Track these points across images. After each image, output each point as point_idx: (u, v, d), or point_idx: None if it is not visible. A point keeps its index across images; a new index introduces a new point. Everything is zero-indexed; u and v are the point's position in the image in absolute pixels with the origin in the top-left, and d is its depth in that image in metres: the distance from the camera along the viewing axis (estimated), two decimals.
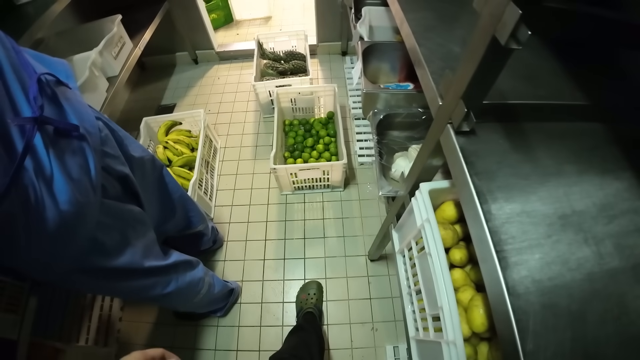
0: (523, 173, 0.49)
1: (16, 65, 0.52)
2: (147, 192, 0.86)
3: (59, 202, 0.52)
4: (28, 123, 0.49)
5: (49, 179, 0.51)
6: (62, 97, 0.60)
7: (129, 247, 0.70)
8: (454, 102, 0.49)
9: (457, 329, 0.54)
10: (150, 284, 0.81)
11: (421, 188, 0.67)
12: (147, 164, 0.87)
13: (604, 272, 0.42)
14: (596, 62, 0.67)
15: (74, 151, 0.57)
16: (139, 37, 1.74)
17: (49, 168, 0.51)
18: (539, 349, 0.36)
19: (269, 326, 1.35)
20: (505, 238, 0.42)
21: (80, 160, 0.57)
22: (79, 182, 0.55)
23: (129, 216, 0.72)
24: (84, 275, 0.64)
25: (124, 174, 0.72)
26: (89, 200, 0.58)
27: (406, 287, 0.85)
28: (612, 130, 0.57)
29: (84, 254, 0.61)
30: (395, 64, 1.43)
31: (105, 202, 0.64)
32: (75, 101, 0.64)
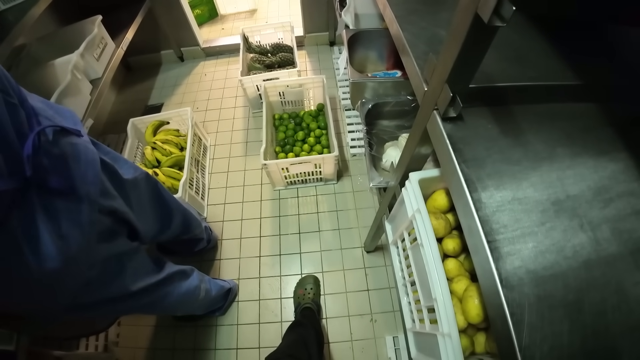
0: (514, 158, 0.47)
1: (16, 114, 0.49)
2: (143, 207, 0.84)
3: (42, 260, 0.50)
4: (16, 184, 0.47)
5: (34, 237, 0.50)
6: (67, 149, 0.57)
7: (117, 278, 0.70)
8: (439, 87, 0.47)
9: (452, 321, 0.53)
10: (146, 302, 0.81)
11: (411, 178, 0.65)
12: (140, 183, 0.85)
13: (601, 259, 0.40)
14: (586, 40, 0.65)
15: (68, 208, 0.55)
16: (121, 37, 1.70)
17: (35, 227, 0.49)
18: (535, 343, 0.35)
19: (267, 323, 1.34)
20: (496, 227, 0.40)
21: (73, 216, 0.55)
22: (67, 238, 0.54)
23: (116, 253, 0.70)
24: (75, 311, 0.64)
25: (113, 208, 0.70)
26: (79, 254, 0.56)
27: (401, 279, 0.83)
28: (605, 111, 0.55)
29: (71, 297, 0.61)
30: (382, 51, 1.40)
31: (93, 246, 0.63)
32: (80, 153, 0.61)
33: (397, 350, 1.24)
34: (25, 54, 1.40)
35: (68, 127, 0.59)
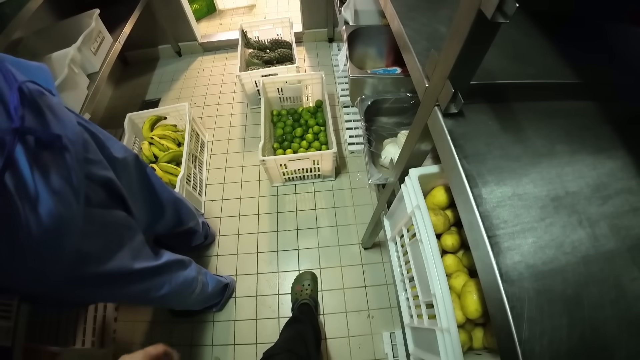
0: (514, 154, 0.48)
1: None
2: (133, 193, 0.83)
3: (41, 217, 0.50)
4: (7, 135, 0.46)
5: (30, 193, 0.49)
6: (44, 106, 0.57)
7: (116, 253, 0.68)
8: (441, 83, 0.47)
9: (451, 316, 0.53)
10: (143, 288, 0.79)
11: (410, 174, 0.65)
12: (130, 164, 0.84)
13: (599, 255, 0.40)
14: (585, 38, 0.65)
15: (56, 163, 0.54)
16: (119, 31, 1.69)
17: (30, 182, 0.49)
18: (534, 336, 0.35)
19: (265, 319, 1.34)
20: (497, 222, 0.41)
21: (62, 172, 0.55)
22: (61, 195, 0.53)
23: (113, 222, 0.69)
24: (73, 285, 0.63)
25: (107, 178, 0.69)
26: (72, 213, 0.56)
27: (399, 275, 0.84)
28: (604, 109, 0.55)
29: (70, 265, 0.59)
30: (382, 48, 1.40)
31: (88, 211, 0.62)
32: (57, 109, 0.61)
33: (394, 346, 1.25)
34: (22, 48, 1.39)
35: (42, 85, 0.59)
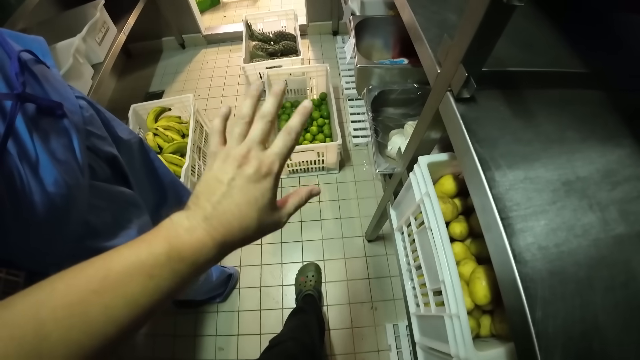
0: (525, 140, 0.48)
1: None
2: (137, 176, 0.83)
3: (46, 186, 0.49)
4: (10, 99, 0.45)
5: (33, 161, 0.48)
6: (41, 76, 0.56)
7: (123, 229, 0.68)
8: (454, 67, 0.47)
9: (460, 301, 0.53)
10: None
11: (420, 161, 0.65)
12: (134, 146, 0.84)
13: (609, 239, 0.41)
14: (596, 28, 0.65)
15: (57, 131, 0.53)
16: (123, 22, 1.69)
17: (33, 150, 0.48)
18: (548, 317, 0.35)
19: (269, 309, 1.35)
20: (509, 205, 0.41)
21: (64, 141, 0.54)
22: (65, 164, 0.52)
23: (120, 198, 0.69)
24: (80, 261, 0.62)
25: (112, 155, 0.69)
26: (78, 182, 0.55)
27: (405, 264, 0.84)
28: (613, 98, 0.55)
29: (77, 238, 0.59)
30: (388, 39, 1.39)
31: (95, 184, 0.61)
32: (54, 80, 0.60)
33: (397, 337, 1.26)
34: None
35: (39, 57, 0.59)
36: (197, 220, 0.30)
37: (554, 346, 0.35)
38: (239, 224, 0.31)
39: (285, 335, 0.98)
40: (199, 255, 0.29)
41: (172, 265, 0.28)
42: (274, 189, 0.33)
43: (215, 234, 0.30)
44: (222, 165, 0.33)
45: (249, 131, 0.35)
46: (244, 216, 0.31)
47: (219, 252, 0.30)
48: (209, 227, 0.30)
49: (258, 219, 0.32)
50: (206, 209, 0.31)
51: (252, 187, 0.32)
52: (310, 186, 0.38)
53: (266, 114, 0.35)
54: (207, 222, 0.30)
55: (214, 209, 0.31)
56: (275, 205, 0.35)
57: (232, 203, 0.31)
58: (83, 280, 0.26)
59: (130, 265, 0.27)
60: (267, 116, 0.35)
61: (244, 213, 0.31)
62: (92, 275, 0.26)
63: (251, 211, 0.32)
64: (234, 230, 0.31)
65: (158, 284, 0.27)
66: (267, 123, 0.35)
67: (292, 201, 0.37)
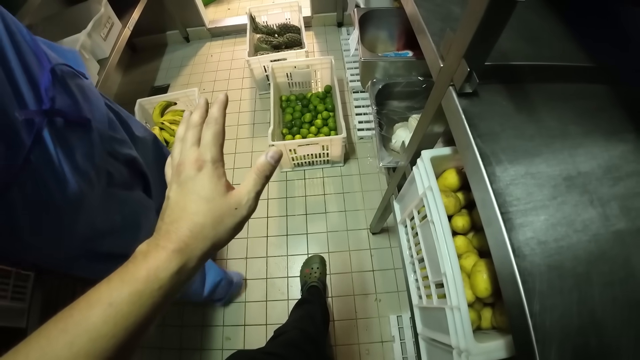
0: (527, 134, 0.48)
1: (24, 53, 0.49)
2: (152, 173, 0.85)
3: (64, 194, 0.51)
4: (37, 117, 0.47)
5: (56, 172, 0.50)
6: (75, 87, 0.58)
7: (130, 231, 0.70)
8: (456, 62, 0.47)
9: (461, 293, 0.54)
10: None
11: (423, 155, 0.65)
12: (149, 143, 0.86)
13: (609, 234, 0.41)
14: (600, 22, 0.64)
15: (82, 142, 0.56)
16: (128, 16, 1.69)
17: (57, 161, 0.50)
18: (545, 310, 0.36)
19: (274, 300, 1.37)
20: (510, 200, 0.41)
21: (87, 151, 0.56)
22: (84, 173, 0.55)
23: (131, 201, 0.71)
24: (90, 260, 0.64)
25: (131, 157, 0.71)
26: (92, 189, 0.57)
27: (408, 257, 0.85)
28: (616, 93, 0.55)
29: (88, 240, 0.61)
30: (392, 31, 1.38)
31: (109, 189, 0.63)
32: (88, 91, 0.62)
33: (401, 329, 1.27)
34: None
35: (75, 68, 0.60)
36: (152, 241, 0.30)
37: (550, 339, 0.36)
38: (188, 225, 0.30)
39: (290, 325, 1.00)
40: (155, 270, 0.28)
41: (128, 289, 0.27)
42: (214, 176, 0.32)
43: (167, 244, 0.29)
44: (170, 181, 0.34)
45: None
46: (192, 214, 0.30)
47: (182, 260, 0.29)
48: (161, 240, 0.29)
49: (209, 210, 0.31)
50: (160, 227, 0.31)
51: (191, 185, 0.32)
52: (266, 152, 0.35)
53: (192, 124, 0.35)
54: (160, 237, 0.30)
55: (163, 222, 0.31)
56: (225, 190, 0.32)
57: (177, 209, 0.31)
58: (54, 321, 0.26)
59: (89, 298, 0.27)
60: (193, 125, 0.35)
61: (191, 211, 0.31)
62: (61, 315, 0.26)
63: (197, 207, 0.31)
64: (185, 233, 0.30)
65: (118, 310, 0.26)
66: (195, 129, 0.35)
67: (247, 178, 0.34)
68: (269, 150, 0.35)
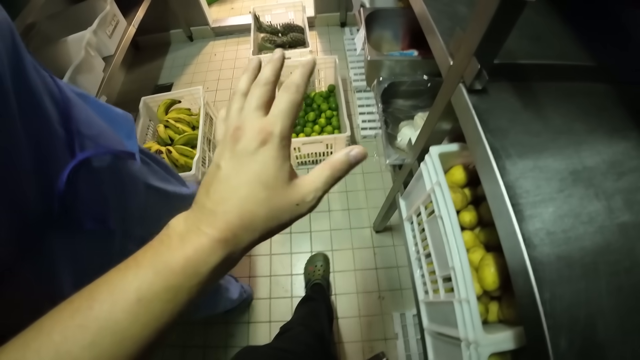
0: (534, 130, 0.49)
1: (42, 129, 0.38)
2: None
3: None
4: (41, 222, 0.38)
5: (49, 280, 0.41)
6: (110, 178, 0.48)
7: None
8: (466, 60, 0.49)
9: (470, 286, 0.56)
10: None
11: (431, 151, 0.67)
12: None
13: (614, 226, 0.42)
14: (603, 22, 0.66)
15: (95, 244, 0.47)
16: (133, 15, 1.71)
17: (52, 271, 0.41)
18: (555, 298, 0.37)
19: (278, 298, 1.38)
20: (519, 192, 0.43)
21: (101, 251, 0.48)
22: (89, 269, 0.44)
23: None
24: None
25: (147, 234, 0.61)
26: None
27: (414, 253, 0.86)
28: (620, 91, 0.56)
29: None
30: (397, 31, 1.40)
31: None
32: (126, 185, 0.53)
33: (404, 326, 1.28)
34: (35, 33, 1.41)
35: (118, 151, 0.50)
36: (192, 220, 0.25)
37: (560, 326, 0.37)
38: (239, 211, 0.24)
39: (295, 322, 1.01)
40: (196, 262, 0.23)
41: (162, 282, 0.22)
42: (279, 157, 0.26)
43: (211, 230, 0.24)
44: (219, 147, 0.28)
45: None
46: (245, 199, 0.25)
47: (225, 253, 0.24)
48: (206, 226, 0.24)
49: (266, 200, 0.25)
50: (204, 204, 0.25)
51: (249, 161, 0.25)
52: (347, 149, 0.28)
53: (262, 80, 0.28)
54: (204, 219, 0.24)
55: (209, 200, 0.25)
56: (289, 178, 0.27)
57: (227, 187, 0.25)
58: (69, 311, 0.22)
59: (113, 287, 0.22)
60: (263, 82, 0.28)
61: (244, 195, 0.25)
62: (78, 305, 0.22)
63: (252, 191, 0.25)
64: (234, 220, 0.24)
65: (150, 309, 0.22)
66: (265, 88, 0.28)
67: (319, 172, 0.27)
68: (353, 148, 0.27)
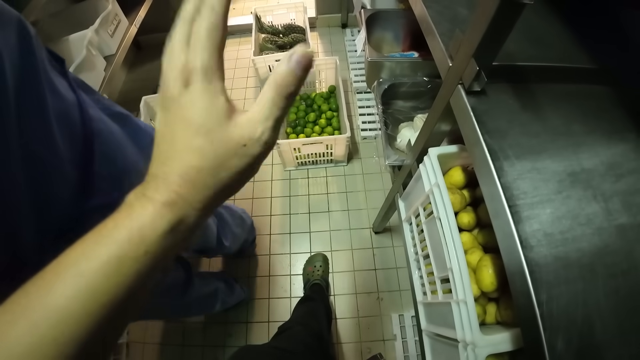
0: (533, 132, 0.49)
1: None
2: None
3: None
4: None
5: None
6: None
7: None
8: (465, 61, 0.49)
9: (467, 287, 0.56)
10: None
11: (430, 153, 0.67)
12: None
13: (612, 228, 0.42)
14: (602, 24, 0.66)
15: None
16: (134, 14, 1.70)
17: None
18: (552, 299, 0.37)
19: (277, 298, 1.39)
20: (517, 193, 0.43)
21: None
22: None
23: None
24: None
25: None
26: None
27: (413, 254, 0.86)
28: (619, 94, 0.57)
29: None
30: (398, 32, 1.40)
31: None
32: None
33: (402, 327, 1.28)
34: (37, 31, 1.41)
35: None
36: (139, 189, 0.22)
37: (557, 328, 0.37)
38: (179, 168, 0.22)
39: (294, 321, 1.01)
40: (139, 230, 0.20)
41: (103, 255, 0.20)
42: (205, 94, 0.22)
43: (154, 195, 0.21)
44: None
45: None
46: (183, 152, 0.22)
47: (175, 216, 0.21)
48: (148, 189, 0.22)
49: (204, 147, 0.22)
50: (150, 171, 0.23)
51: (177, 109, 0.22)
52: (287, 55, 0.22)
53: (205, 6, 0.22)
54: (148, 185, 0.22)
55: (153, 165, 0.22)
56: (226, 115, 0.22)
57: (164, 144, 0.22)
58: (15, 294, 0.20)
59: (57, 266, 0.20)
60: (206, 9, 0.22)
61: (180, 148, 0.22)
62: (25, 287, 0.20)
63: (187, 141, 0.22)
64: (175, 179, 0.21)
65: (90, 283, 0.19)
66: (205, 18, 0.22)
67: (262, 96, 0.23)
68: (294, 53, 0.22)
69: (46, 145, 0.36)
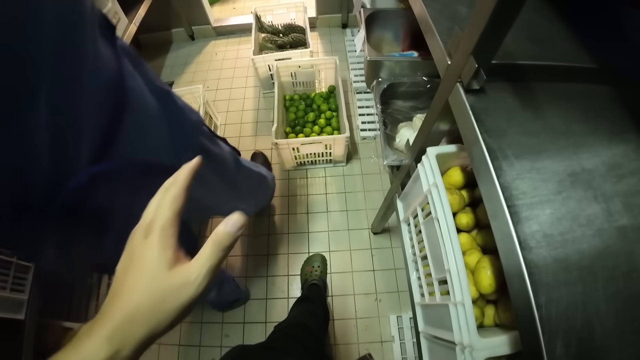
0: (532, 131, 0.49)
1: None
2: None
3: None
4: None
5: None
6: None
7: None
8: (464, 59, 0.48)
9: (465, 289, 0.55)
10: None
11: (428, 152, 0.66)
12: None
13: (613, 229, 0.41)
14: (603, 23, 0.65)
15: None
16: (134, 12, 1.70)
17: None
18: (551, 302, 0.37)
19: (274, 298, 1.38)
20: (516, 193, 0.42)
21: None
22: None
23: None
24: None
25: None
26: None
27: (411, 255, 0.85)
28: (621, 93, 0.56)
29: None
30: (398, 32, 1.40)
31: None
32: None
33: (400, 329, 1.27)
34: None
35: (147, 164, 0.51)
36: (92, 320, 0.26)
37: (556, 331, 0.36)
38: (122, 306, 0.26)
39: (290, 320, 1.01)
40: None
41: None
42: (157, 247, 0.27)
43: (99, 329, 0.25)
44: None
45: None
46: (129, 293, 0.26)
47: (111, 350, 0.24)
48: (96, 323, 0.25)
49: (147, 289, 0.26)
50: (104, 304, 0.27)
51: (136, 255, 0.28)
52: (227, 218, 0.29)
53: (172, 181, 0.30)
54: (97, 317, 0.26)
55: (107, 299, 0.27)
56: (170, 264, 0.27)
57: (117, 284, 0.27)
58: None
59: None
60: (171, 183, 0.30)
61: (128, 288, 0.26)
62: None
63: (135, 283, 0.26)
64: (118, 316, 0.25)
65: None
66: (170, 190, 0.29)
67: (202, 249, 0.28)
68: (230, 218, 0.28)
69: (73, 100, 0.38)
